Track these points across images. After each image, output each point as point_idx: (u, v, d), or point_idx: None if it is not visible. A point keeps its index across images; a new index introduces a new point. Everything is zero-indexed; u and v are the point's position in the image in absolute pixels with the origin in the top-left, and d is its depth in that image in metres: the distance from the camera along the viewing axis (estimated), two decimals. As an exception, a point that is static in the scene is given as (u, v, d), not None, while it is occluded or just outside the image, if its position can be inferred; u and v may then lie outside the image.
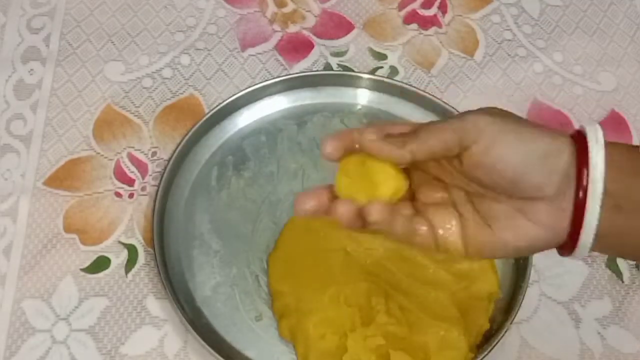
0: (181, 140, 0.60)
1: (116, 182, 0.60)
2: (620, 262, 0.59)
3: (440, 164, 0.38)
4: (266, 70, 0.67)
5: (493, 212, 0.36)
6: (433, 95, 0.63)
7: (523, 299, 0.54)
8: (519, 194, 0.35)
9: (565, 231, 0.35)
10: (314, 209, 0.37)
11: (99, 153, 0.62)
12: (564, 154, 0.34)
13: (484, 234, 0.37)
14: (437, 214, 0.38)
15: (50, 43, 0.67)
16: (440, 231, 0.38)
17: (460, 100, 0.66)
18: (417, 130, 0.36)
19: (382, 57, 0.69)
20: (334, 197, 0.37)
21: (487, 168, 0.35)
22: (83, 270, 0.56)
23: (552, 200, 0.35)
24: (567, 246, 0.36)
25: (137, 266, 0.57)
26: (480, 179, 0.36)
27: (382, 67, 0.68)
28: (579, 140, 0.35)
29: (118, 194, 0.60)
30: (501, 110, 0.37)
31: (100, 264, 0.57)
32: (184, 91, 0.65)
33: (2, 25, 0.68)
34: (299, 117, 0.64)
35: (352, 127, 0.36)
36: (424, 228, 0.38)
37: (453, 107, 0.62)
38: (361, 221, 0.36)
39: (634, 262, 0.59)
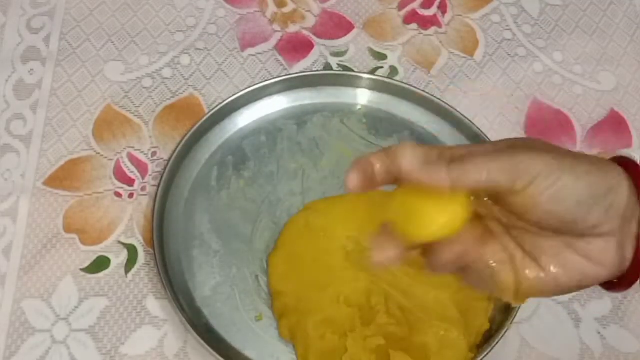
0: (181, 140, 0.60)
1: (116, 182, 0.60)
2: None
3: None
4: (266, 70, 0.67)
5: (539, 246, 0.34)
6: (433, 95, 0.63)
7: (523, 298, 0.54)
8: (571, 233, 0.33)
9: (619, 267, 0.33)
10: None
11: (98, 153, 0.62)
12: (622, 188, 0.32)
13: (532, 269, 0.34)
14: (487, 245, 0.35)
15: (50, 43, 0.67)
16: (493, 264, 0.34)
17: (460, 100, 0.66)
18: (463, 157, 0.31)
19: (382, 57, 0.69)
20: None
21: (541, 211, 0.32)
22: (83, 270, 0.56)
23: (609, 237, 0.32)
24: (624, 282, 0.34)
25: (137, 266, 0.57)
26: (529, 219, 0.33)
27: (382, 67, 0.68)
28: (631, 169, 0.33)
29: (118, 194, 0.60)
30: (548, 144, 0.34)
31: (100, 264, 0.57)
32: (183, 91, 0.65)
33: (2, 25, 0.68)
34: (299, 117, 0.64)
35: (368, 153, 0.33)
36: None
37: (453, 107, 0.62)
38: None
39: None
